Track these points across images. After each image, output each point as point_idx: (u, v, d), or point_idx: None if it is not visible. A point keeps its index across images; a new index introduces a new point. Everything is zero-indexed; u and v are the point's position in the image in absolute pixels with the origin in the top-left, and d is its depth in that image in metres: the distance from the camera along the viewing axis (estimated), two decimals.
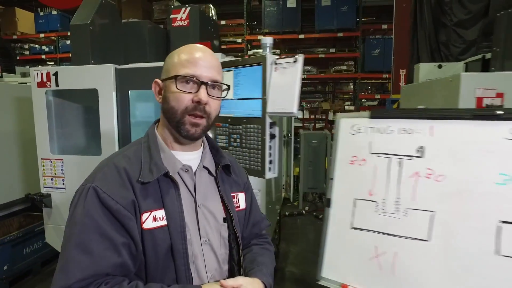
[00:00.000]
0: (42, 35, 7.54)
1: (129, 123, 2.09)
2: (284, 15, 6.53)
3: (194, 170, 0.97)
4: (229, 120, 1.69)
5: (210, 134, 1.35)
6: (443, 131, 1.33)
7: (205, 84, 0.89)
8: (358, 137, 1.52)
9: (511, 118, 1.21)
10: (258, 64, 1.49)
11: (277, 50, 7.00)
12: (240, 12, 6.81)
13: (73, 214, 0.84)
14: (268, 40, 1.49)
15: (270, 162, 1.51)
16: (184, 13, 2.47)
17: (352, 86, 9.86)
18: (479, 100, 1.70)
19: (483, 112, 1.31)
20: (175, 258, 0.88)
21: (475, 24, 4.54)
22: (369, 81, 10.16)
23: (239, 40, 7.58)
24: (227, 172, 1.05)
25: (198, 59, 0.90)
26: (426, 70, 2.96)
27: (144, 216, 0.86)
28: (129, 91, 2.08)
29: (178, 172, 0.94)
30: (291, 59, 1.38)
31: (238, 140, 1.64)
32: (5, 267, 2.72)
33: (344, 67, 7.26)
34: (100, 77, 2.03)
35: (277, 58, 1.45)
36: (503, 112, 1.23)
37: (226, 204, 1.00)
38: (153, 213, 0.87)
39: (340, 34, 6.36)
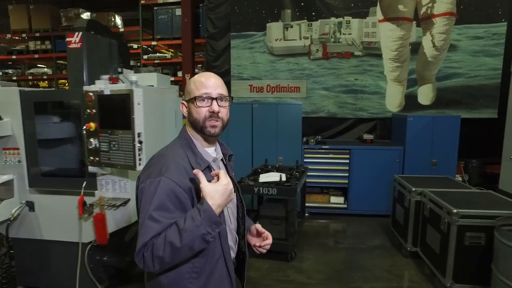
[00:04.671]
0: None
1: None
2: (174, 23, 6.90)
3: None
4: None
5: None
6: None
7: (215, 98, 1.23)
8: None
9: None
10: None
11: (166, 54, 7.72)
12: (144, 18, 7.41)
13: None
14: None
15: None
16: None
17: None
18: None
19: None
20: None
21: (223, 37, 5.44)
22: None
23: (136, 46, 8.39)
24: (229, 160, 1.44)
25: (207, 82, 1.24)
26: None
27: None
28: None
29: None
30: None
31: None
32: None
33: None
34: None
35: None
36: None
37: (234, 182, 1.34)
38: None
39: None
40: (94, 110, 2.33)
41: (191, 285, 1.19)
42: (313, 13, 5.15)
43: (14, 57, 8.53)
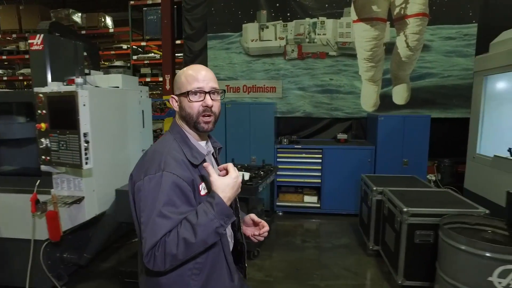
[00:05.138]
0: None
1: None
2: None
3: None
4: None
5: None
6: None
7: (208, 92, 1.22)
8: None
9: None
10: None
11: (156, 55, 7.87)
12: (135, 19, 7.39)
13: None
14: None
15: None
16: None
17: None
18: None
19: None
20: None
21: (200, 38, 5.50)
22: None
23: (125, 46, 8.40)
24: (218, 153, 1.47)
25: (198, 75, 1.22)
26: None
27: (200, 187, 1.20)
28: None
29: None
30: None
31: None
32: None
33: None
34: None
35: None
36: None
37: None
38: (202, 185, 1.21)
39: None
40: (44, 111, 2.40)
41: (193, 281, 1.19)
42: (288, 14, 5.20)
43: (4, 57, 8.58)
